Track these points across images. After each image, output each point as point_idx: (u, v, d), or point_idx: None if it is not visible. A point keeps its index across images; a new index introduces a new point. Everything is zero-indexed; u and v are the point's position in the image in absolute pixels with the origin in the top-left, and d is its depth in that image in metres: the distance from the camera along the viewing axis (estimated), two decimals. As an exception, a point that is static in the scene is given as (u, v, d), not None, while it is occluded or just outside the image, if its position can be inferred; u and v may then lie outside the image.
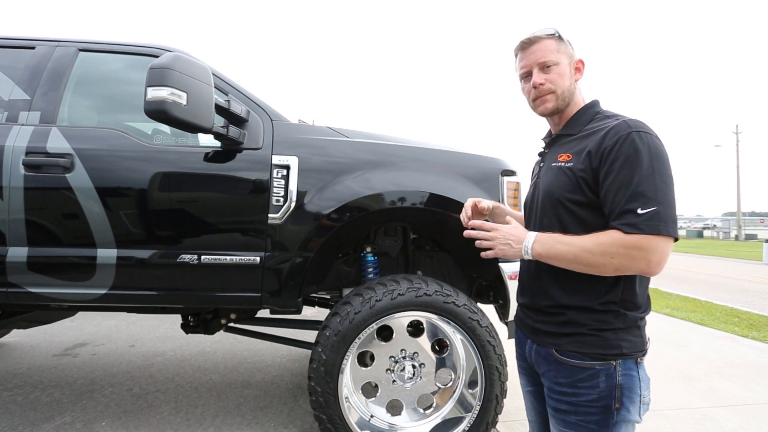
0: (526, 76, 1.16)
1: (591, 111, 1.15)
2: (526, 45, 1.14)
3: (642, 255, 0.94)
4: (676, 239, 0.97)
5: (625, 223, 0.95)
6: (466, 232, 1.17)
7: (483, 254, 1.14)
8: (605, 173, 1.00)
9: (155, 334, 4.11)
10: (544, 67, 1.13)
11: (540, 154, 1.27)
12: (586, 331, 1.04)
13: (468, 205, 1.31)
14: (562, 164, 1.09)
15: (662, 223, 0.94)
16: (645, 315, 1.07)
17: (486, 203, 1.32)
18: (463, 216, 1.29)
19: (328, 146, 2.03)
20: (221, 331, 2.45)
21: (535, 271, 1.15)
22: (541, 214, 1.14)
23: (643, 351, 1.05)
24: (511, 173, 2.18)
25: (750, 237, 32.13)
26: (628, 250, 0.95)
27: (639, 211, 0.94)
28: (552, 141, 1.21)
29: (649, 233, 0.93)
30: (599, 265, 0.98)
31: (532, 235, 1.06)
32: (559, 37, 1.13)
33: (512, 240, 1.08)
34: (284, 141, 2.00)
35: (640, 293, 1.05)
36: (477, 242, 1.14)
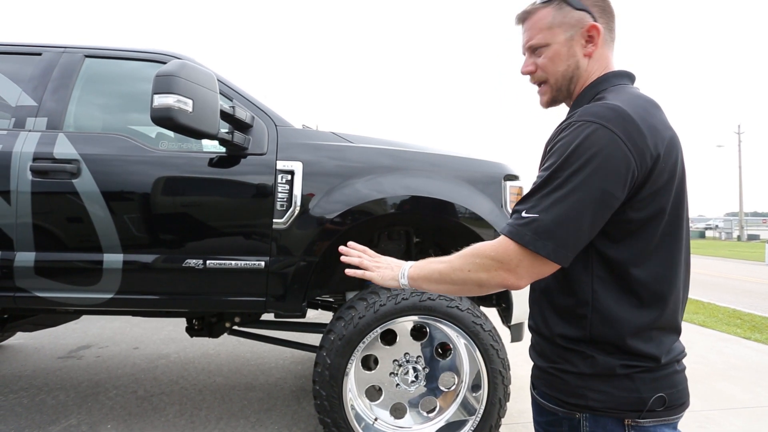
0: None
1: (592, 91, 0.88)
2: (519, 20, 0.93)
3: (495, 265, 0.79)
4: (555, 261, 0.75)
5: (505, 224, 0.82)
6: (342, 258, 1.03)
7: (349, 272, 1.00)
8: None
9: (159, 337, 4.13)
10: (534, 51, 0.90)
11: None
12: None
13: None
14: None
15: (532, 234, 0.75)
16: None
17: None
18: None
19: (332, 151, 2.05)
20: (225, 334, 2.47)
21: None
22: None
23: None
24: (514, 178, 2.19)
25: (752, 237, 32.06)
26: (483, 259, 0.81)
27: (523, 214, 0.77)
28: None
29: (511, 238, 0.77)
30: (462, 282, 0.84)
31: (408, 263, 0.95)
32: (560, 3, 0.87)
33: (393, 265, 0.96)
34: (289, 146, 2.02)
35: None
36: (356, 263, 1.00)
